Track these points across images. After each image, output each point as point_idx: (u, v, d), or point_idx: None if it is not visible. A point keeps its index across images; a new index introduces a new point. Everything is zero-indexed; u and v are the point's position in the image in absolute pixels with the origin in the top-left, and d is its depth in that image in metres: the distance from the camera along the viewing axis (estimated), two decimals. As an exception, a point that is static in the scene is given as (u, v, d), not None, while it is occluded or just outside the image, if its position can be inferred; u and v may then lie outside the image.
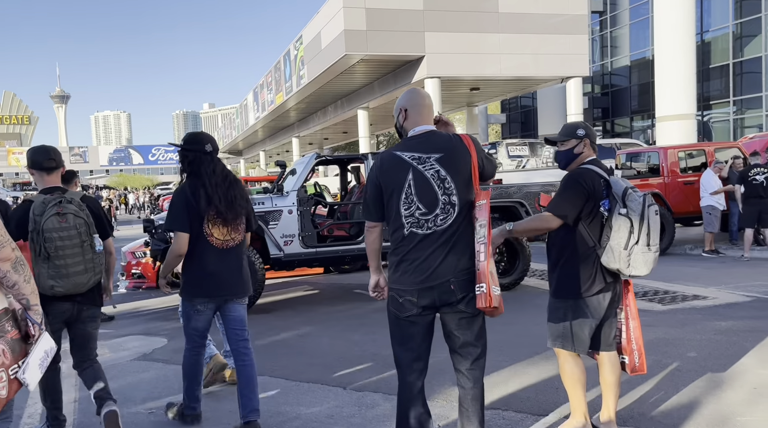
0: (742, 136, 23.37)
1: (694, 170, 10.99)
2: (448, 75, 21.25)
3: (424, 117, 2.76)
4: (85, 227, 3.25)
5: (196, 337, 3.56)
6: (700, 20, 22.67)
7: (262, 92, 35.63)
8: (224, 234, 3.41)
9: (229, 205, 3.39)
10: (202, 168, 3.40)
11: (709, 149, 11.07)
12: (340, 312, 6.76)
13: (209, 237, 3.38)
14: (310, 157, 7.46)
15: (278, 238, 7.05)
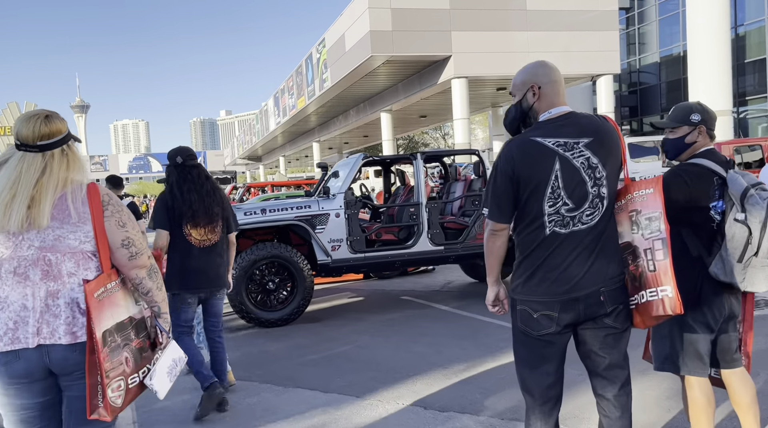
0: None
1: (746, 166, 10.45)
2: (475, 75, 20.82)
3: (561, 95, 2.34)
4: None
5: (185, 328, 3.99)
6: (734, 14, 21.99)
7: (283, 97, 35.43)
8: (202, 234, 3.93)
9: (205, 210, 3.91)
10: (171, 178, 3.99)
11: (766, 144, 10.52)
12: (393, 321, 6.35)
13: (188, 236, 3.91)
14: (356, 158, 7.08)
15: (325, 243, 6.66)
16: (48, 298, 1.96)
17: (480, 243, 7.04)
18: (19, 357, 1.94)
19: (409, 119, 32.48)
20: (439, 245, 6.95)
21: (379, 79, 24.00)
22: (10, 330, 1.94)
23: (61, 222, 1.98)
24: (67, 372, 1.98)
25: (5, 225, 1.93)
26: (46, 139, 2.00)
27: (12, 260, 1.97)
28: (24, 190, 1.93)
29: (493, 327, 5.82)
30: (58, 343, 1.95)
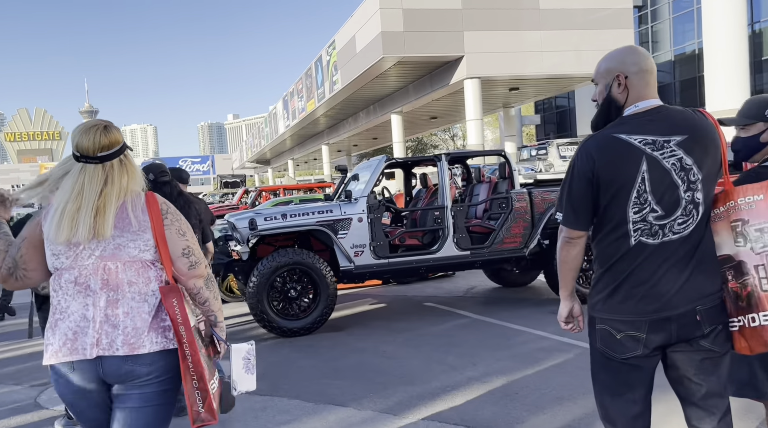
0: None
1: None
2: (488, 75, 20.57)
3: (651, 87, 2.07)
4: None
5: None
6: (750, 11, 21.62)
7: (292, 100, 35.30)
8: None
9: None
10: None
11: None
12: (419, 330, 6.10)
13: None
14: (379, 160, 6.84)
15: (348, 249, 6.43)
16: (108, 308, 1.93)
17: (507, 248, 6.79)
18: (74, 369, 1.92)
19: (420, 121, 32.26)
20: (465, 250, 6.70)
21: (390, 80, 23.79)
22: (69, 340, 1.92)
23: (122, 231, 1.96)
24: (122, 382, 1.94)
25: (72, 237, 1.91)
26: (106, 150, 1.99)
27: (72, 270, 1.95)
28: (88, 201, 1.93)
29: (526, 335, 5.57)
30: (115, 355, 1.90)
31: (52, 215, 1.94)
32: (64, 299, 1.95)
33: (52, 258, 1.97)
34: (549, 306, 6.79)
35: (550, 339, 5.36)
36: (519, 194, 6.88)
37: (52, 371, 1.97)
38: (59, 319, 1.94)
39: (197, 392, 1.92)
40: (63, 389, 1.96)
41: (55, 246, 1.95)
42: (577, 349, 4.97)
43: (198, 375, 1.91)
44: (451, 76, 21.13)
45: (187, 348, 1.91)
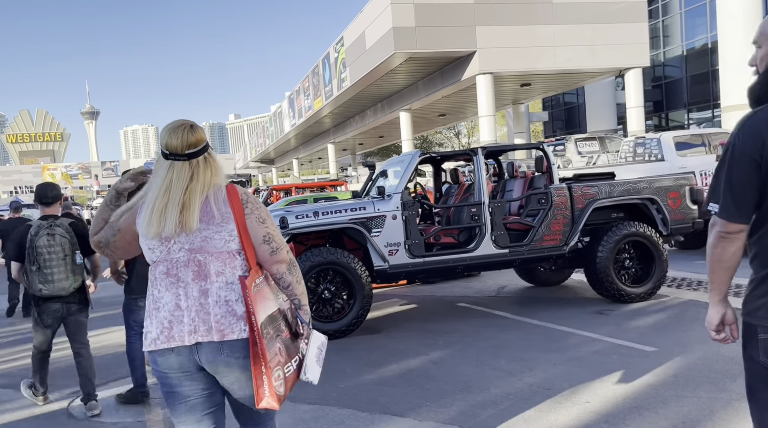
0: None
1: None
2: (501, 70, 20.26)
3: None
4: (69, 245, 4.23)
5: (135, 327, 4.30)
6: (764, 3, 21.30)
7: (298, 98, 35.01)
8: None
9: None
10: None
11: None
12: (458, 332, 5.82)
13: None
14: (412, 155, 6.55)
15: (382, 248, 6.15)
16: (200, 297, 2.03)
17: (546, 246, 6.51)
18: (173, 353, 2.04)
19: (428, 118, 31.96)
20: (503, 248, 6.42)
21: (399, 77, 23.49)
22: (166, 329, 2.03)
23: (207, 224, 2.05)
24: (215, 366, 2.05)
25: (161, 231, 2.02)
26: (193, 148, 2.07)
27: (165, 262, 2.06)
28: (175, 196, 2.01)
29: (575, 337, 5.29)
30: (210, 341, 2.01)
31: (144, 211, 2.05)
32: (158, 290, 2.07)
33: (148, 252, 2.09)
34: (592, 306, 6.50)
35: (602, 342, 5.07)
36: (559, 189, 6.59)
37: (151, 357, 2.09)
38: (155, 309, 2.06)
39: (264, 377, 1.99)
40: (161, 369, 2.07)
41: (149, 241, 2.07)
42: (637, 353, 4.69)
43: (264, 361, 1.99)
44: (463, 72, 20.82)
45: (256, 335, 1.98)
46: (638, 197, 6.74)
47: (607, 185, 6.72)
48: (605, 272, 6.41)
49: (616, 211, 6.96)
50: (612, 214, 6.94)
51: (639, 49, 21.17)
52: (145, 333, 2.10)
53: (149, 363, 2.20)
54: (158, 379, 2.13)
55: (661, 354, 4.57)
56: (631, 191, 6.75)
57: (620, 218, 6.97)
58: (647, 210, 6.83)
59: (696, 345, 4.73)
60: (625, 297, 6.45)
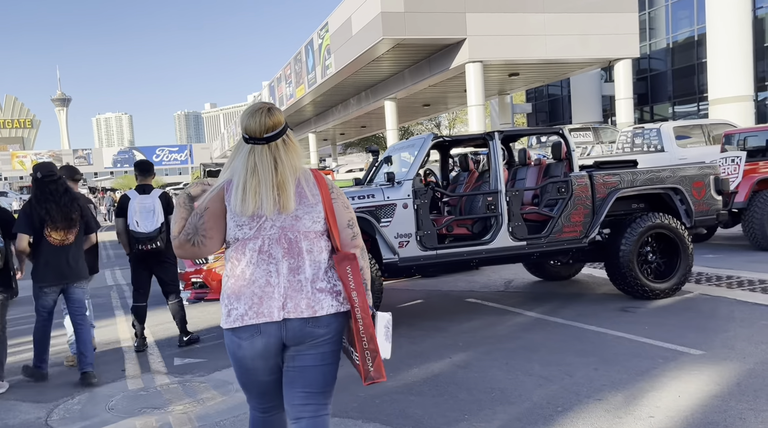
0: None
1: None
2: (491, 59, 19.83)
3: None
4: None
5: (44, 313, 4.79)
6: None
7: (279, 86, 34.22)
8: (61, 236, 4.69)
9: (62, 216, 4.66)
10: (35, 189, 4.70)
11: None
12: (477, 332, 5.35)
13: (48, 237, 4.65)
14: (425, 138, 6.03)
15: (392, 239, 5.64)
16: (290, 274, 2.08)
17: (566, 238, 6.07)
18: (261, 332, 2.06)
19: (413, 108, 31.49)
20: (520, 240, 5.96)
21: (386, 64, 22.92)
22: (255, 304, 2.06)
23: (299, 204, 2.11)
24: (301, 342, 2.09)
25: (258, 209, 2.06)
26: (271, 131, 2.10)
27: (257, 239, 2.09)
28: (266, 177, 2.06)
29: (607, 338, 4.86)
30: (300, 317, 2.06)
31: (234, 191, 2.08)
32: (249, 267, 2.08)
33: (236, 229, 2.10)
34: (613, 302, 6.09)
35: (640, 343, 4.64)
36: (579, 178, 6.15)
37: (231, 336, 2.09)
38: (243, 285, 2.08)
39: (367, 352, 2.04)
40: (245, 352, 2.09)
41: (239, 218, 2.09)
42: (684, 357, 4.26)
43: (368, 336, 2.04)
44: (452, 60, 20.34)
45: (359, 312, 2.05)
46: (662, 187, 6.33)
47: (630, 173, 6.29)
48: (628, 266, 5.99)
49: (636, 201, 6.54)
50: (632, 204, 6.52)
51: (629, 40, 20.92)
52: (227, 310, 2.09)
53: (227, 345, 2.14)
54: (235, 360, 2.13)
55: (712, 359, 4.15)
56: (654, 180, 6.33)
57: (641, 209, 6.56)
58: (670, 200, 6.42)
59: (746, 348, 4.32)
60: (649, 293, 6.04)
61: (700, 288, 6.45)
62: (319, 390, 2.15)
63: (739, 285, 6.42)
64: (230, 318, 2.07)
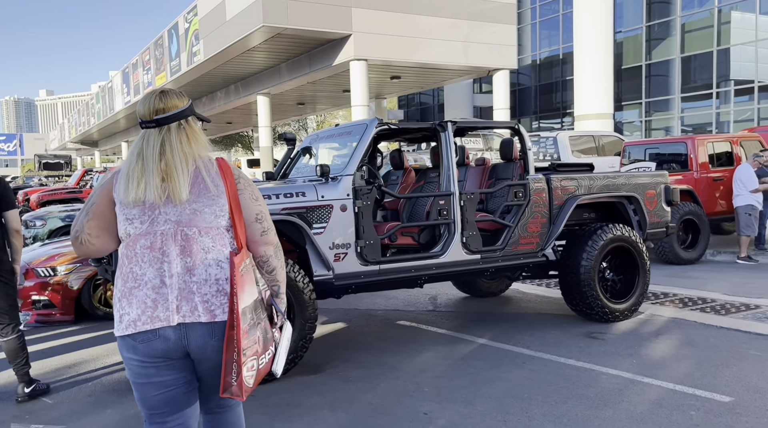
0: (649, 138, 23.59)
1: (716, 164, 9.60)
2: (376, 58, 18.98)
3: None
4: None
5: None
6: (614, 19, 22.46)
7: (135, 73, 30.91)
8: None
9: None
10: None
11: (734, 141, 9.86)
12: (438, 369, 4.26)
13: None
14: (367, 123, 4.82)
15: (326, 250, 4.37)
16: (185, 274, 1.89)
17: (522, 251, 5.19)
18: (158, 336, 1.88)
19: (286, 106, 29.89)
20: (475, 253, 4.97)
21: (262, 56, 21.24)
22: (149, 308, 1.88)
23: (197, 196, 1.94)
24: (203, 352, 1.91)
25: (142, 196, 1.89)
26: (162, 114, 1.95)
27: (149, 235, 1.91)
28: (149, 162, 1.90)
29: (604, 378, 3.99)
30: (198, 321, 1.89)
31: (119, 179, 1.92)
32: (140, 266, 1.90)
33: (125, 223, 1.92)
34: (569, 326, 5.30)
35: (646, 386, 3.83)
36: (537, 181, 5.30)
37: (125, 342, 1.91)
38: (134, 287, 1.89)
39: (234, 364, 1.88)
40: (142, 356, 1.90)
41: (128, 211, 1.91)
42: (716, 407, 3.47)
43: (238, 348, 1.87)
44: (335, 56, 19.22)
45: (235, 320, 1.87)
46: (620, 195, 5.68)
47: (587, 178, 5.57)
48: (590, 285, 5.24)
49: (588, 210, 5.85)
50: (584, 213, 5.82)
51: (508, 51, 21.19)
52: (119, 315, 1.90)
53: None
54: (132, 368, 1.93)
55: (749, 409, 3.40)
56: (610, 187, 5.67)
57: (592, 219, 5.88)
58: (624, 210, 5.81)
59: None
60: (609, 314, 5.33)
61: (646, 307, 5.89)
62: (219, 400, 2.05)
63: (685, 305, 5.96)
64: (122, 325, 1.90)
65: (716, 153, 9.63)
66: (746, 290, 6.59)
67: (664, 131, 24.41)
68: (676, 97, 23.53)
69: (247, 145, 48.56)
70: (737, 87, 22.10)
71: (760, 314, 5.49)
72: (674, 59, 23.51)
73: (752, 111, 21.59)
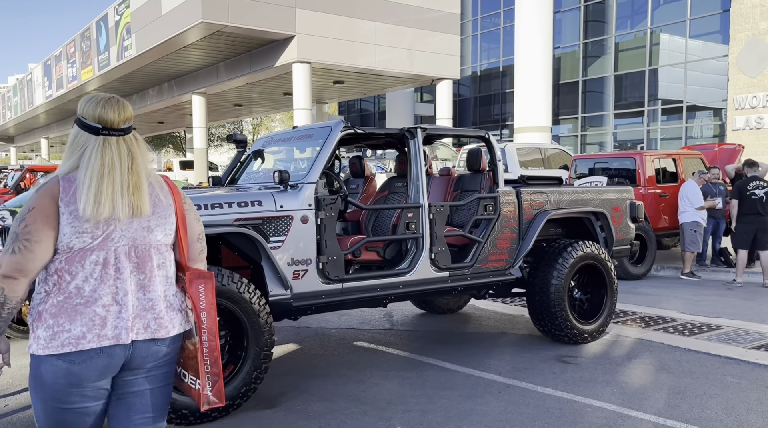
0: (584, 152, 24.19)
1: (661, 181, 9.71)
2: (319, 61, 18.48)
3: None
4: None
5: None
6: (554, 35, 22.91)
7: (58, 65, 29.06)
8: None
9: None
10: None
11: (678, 157, 10.00)
12: (409, 402, 3.84)
13: None
14: (331, 126, 4.35)
15: (283, 267, 3.89)
16: (138, 292, 1.89)
17: (492, 268, 4.87)
18: (102, 353, 1.82)
19: (222, 107, 28.83)
20: (443, 270, 4.60)
21: (198, 53, 20.31)
22: (97, 326, 1.82)
23: (152, 212, 1.91)
24: (145, 365, 1.91)
25: (114, 213, 1.80)
26: (129, 123, 1.92)
27: (101, 251, 1.84)
28: (123, 175, 1.83)
29: (589, 412, 3.70)
30: (151, 337, 1.89)
31: (84, 191, 1.77)
32: (88, 282, 1.83)
33: (73, 236, 1.80)
34: (536, 348, 5.02)
35: (636, 421, 3.55)
36: (507, 194, 5.00)
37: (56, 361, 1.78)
38: (80, 304, 1.81)
39: (208, 376, 1.96)
40: (72, 379, 1.80)
41: (80, 225, 1.80)
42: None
43: (212, 359, 1.96)
44: (277, 58, 18.59)
45: (206, 334, 1.95)
46: (588, 210, 5.47)
47: (556, 193, 5.32)
48: (560, 305, 4.97)
49: (555, 225, 5.61)
50: (550, 229, 5.58)
51: (451, 61, 21.18)
52: (52, 333, 1.78)
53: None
54: (56, 390, 1.79)
55: None
56: (579, 202, 5.44)
57: (558, 235, 5.65)
58: (591, 226, 5.60)
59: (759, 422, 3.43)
60: (578, 336, 5.08)
61: (610, 327, 5.70)
62: (159, 413, 1.98)
63: (647, 325, 5.82)
64: (56, 342, 1.77)
65: (662, 169, 9.74)
66: (700, 308, 6.55)
67: (598, 146, 25.09)
68: (609, 113, 24.23)
69: (179, 145, 46.73)
70: (664, 106, 22.98)
71: (723, 335, 5.39)
72: (609, 76, 24.21)
73: (680, 129, 22.48)
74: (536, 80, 21.93)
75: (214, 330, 1.96)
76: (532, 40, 21.92)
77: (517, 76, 22.53)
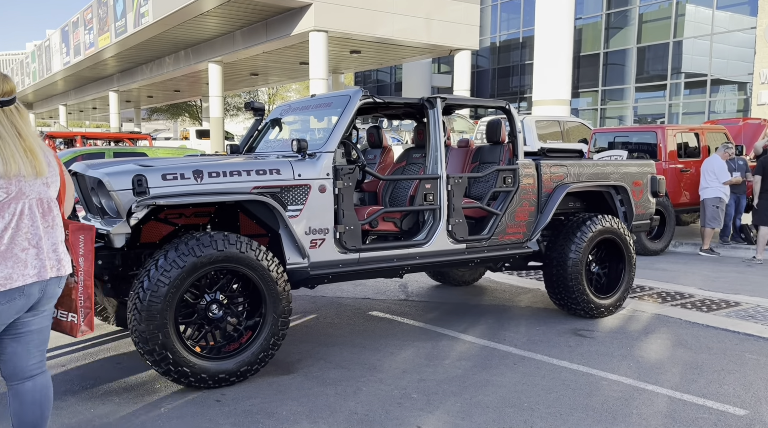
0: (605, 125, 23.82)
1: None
2: (336, 30, 18.28)
3: None
4: None
5: None
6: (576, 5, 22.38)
7: (76, 32, 29.02)
8: None
9: None
10: None
11: (701, 132, 9.80)
12: (424, 371, 3.87)
13: None
14: (350, 95, 4.30)
15: (301, 235, 3.89)
16: (46, 237, 2.25)
17: (509, 241, 4.84)
18: (23, 293, 2.17)
19: (238, 76, 28.73)
20: (460, 242, 4.58)
21: (215, 21, 20.17)
22: (20, 266, 2.15)
23: (49, 172, 2.29)
24: (47, 305, 2.30)
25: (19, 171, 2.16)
26: (8, 96, 2.21)
27: (18, 202, 2.18)
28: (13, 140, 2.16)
29: (604, 384, 3.69)
30: (57, 276, 2.28)
31: None
32: (7, 231, 2.13)
33: None
34: (552, 321, 5.01)
35: (647, 392, 3.54)
36: (527, 166, 4.94)
37: None
38: (6, 249, 2.13)
39: (82, 309, 2.47)
40: None
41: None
42: (732, 421, 3.21)
43: (86, 296, 2.48)
44: (294, 26, 18.42)
45: (82, 276, 2.46)
46: (608, 184, 5.39)
47: (577, 166, 5.25)
48: (577, 279, 4.94)
49: (574, 199, 5.55)
50: (569, 202, 5.52)
51: (470, 31, 20.85)
52: None
53: None
54: None
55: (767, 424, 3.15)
56: (599, 175, 5.37)
57: (577, 209, 5.59)
58: (611, 200, 5.53)
59: None
60: (594, 310, 5.06)
61: (626, 302, 5.67)
62: (46, 346, 2.37)
63: (665, 300, 5.77)
64: None
65: (684, 143, 9.56)
66: (719, 285, 6.48)
67: (618, 120, 24.69)
68: (630, 86, 23.76)
69: (195, 114, 46.75)
70: (688, 80, 22.49)
71: (742, 312, 5.34)
72: (631, 49, 23.68)
73: (703, 104, 22.03)
74: (557, 52, 21.50)
75: (90, 272, 2.47)
76: (553, 11, 21.44)
77: (537, 48, 22.10)
